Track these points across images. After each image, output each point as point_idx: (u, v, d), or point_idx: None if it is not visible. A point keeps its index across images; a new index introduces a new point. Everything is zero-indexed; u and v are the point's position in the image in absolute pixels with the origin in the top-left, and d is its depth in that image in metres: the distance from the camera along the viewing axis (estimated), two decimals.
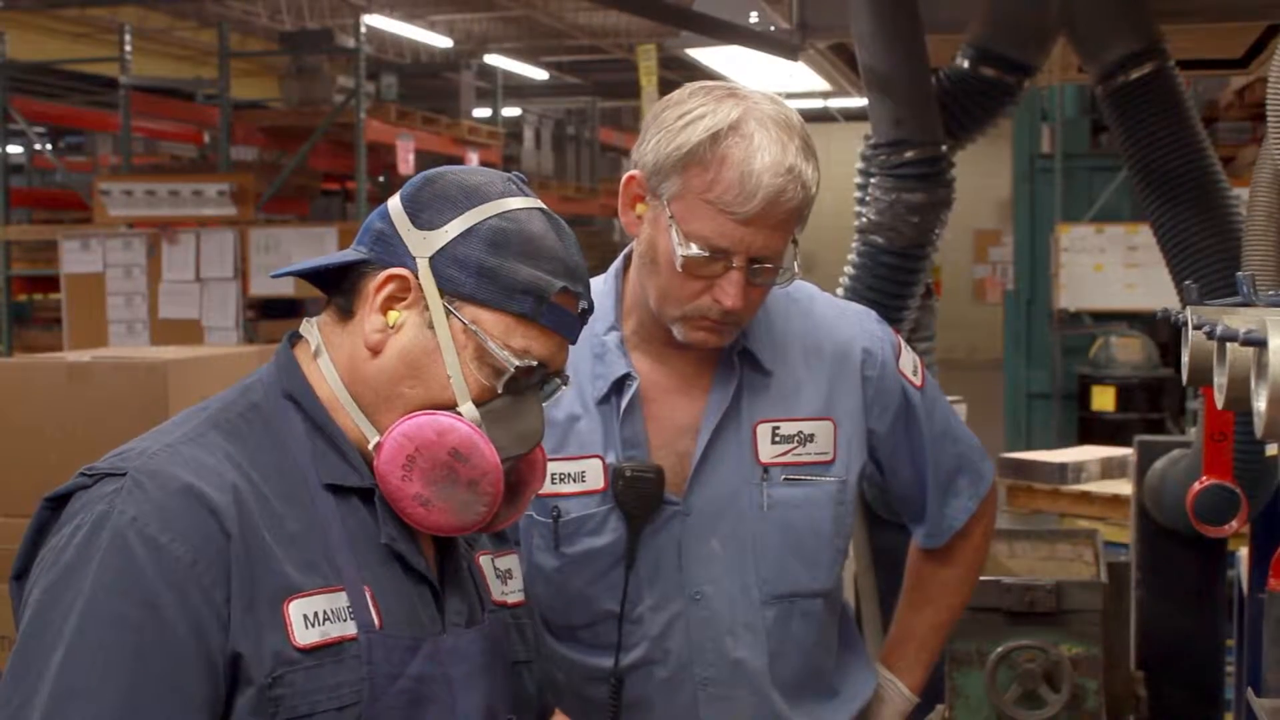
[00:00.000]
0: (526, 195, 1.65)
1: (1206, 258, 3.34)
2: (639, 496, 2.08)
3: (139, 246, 9.11)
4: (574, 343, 1.67)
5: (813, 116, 17.04)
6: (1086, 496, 5.56)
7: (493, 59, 16.13)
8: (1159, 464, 3.70)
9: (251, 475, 1.55)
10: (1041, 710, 2.75)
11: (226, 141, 9.99)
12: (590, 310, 1.67)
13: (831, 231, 9.58)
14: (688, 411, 2.13)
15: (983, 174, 18.07)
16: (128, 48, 10.02)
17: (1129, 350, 10.02)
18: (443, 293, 1.59)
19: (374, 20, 13.17)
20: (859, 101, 3.89)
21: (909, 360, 2.25)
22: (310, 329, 1.67)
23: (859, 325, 2.23)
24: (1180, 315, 1.67)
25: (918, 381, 2.25)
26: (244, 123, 10.74)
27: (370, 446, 1.60)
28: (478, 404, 1.60)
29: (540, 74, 17.97)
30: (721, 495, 2.12)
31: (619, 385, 2.11)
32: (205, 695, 1.47)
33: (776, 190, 1.95)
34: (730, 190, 1.95)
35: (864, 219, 3.52)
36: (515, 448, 1.62)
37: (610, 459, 2.10)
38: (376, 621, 1.55)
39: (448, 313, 1.59)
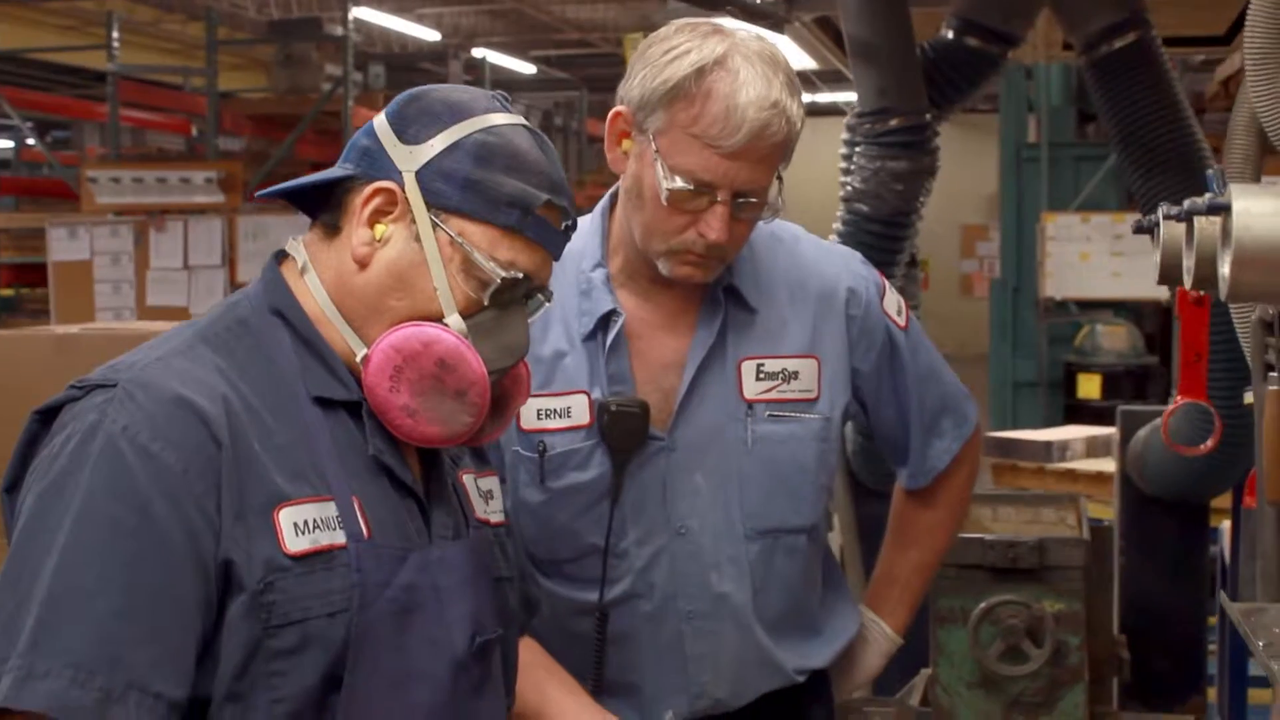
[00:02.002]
0: (511, 112, 1.67)
1: None
2: (624, 431, 2.11)
3: (126, 234, 9.09)
4: (558, 258, 1.69)
5: None
6: (1071, 474, 5.59)
7: (480, 52, 16.13)
8: (1142, 432, 3.73)
9: (240, 387, 1.57)
10: (1024, 665, 2.76)
11: (215, 128, 9.99)
12: (574, 228, 1.70)
13: (821, 224, 9.63)
14: (673, 348, 2.16)
15: (970, 169, 18.15)
16: (115, 36, 10.01)
17: (1115, 338, 10.07)
18: (429, 206, 1.61)
19: (362, 13, 13.17)
20: (846, 95, 3.92)
21: (893, 300, 2.27)
22: (296, 247, 1.69)
23: (844, 265, 2.26)
24: (1153, 217, 1.70)
25: (902, 322, 2.27)
26: (232, 110, 10.75)
27: (358, 359, 1.62)
28: (464, 316, 1.62)
29: (528, 68, 17.98)
30: (706, 431, 2.14)
31: (605, 321, 2.13)
32: (199, 600, 1.49)
33: (761, 124, 1.97)
34: (715, 124, 1.97)
35: (849, 188, 3.55)
36: (501, 360, 1.65)
37: (596, 395, 2.12)
38: (365, 531, 1.57)
39: (434, 225, 1.61)
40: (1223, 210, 1.14)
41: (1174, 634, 3.83)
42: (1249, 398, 2.16)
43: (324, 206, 1.68)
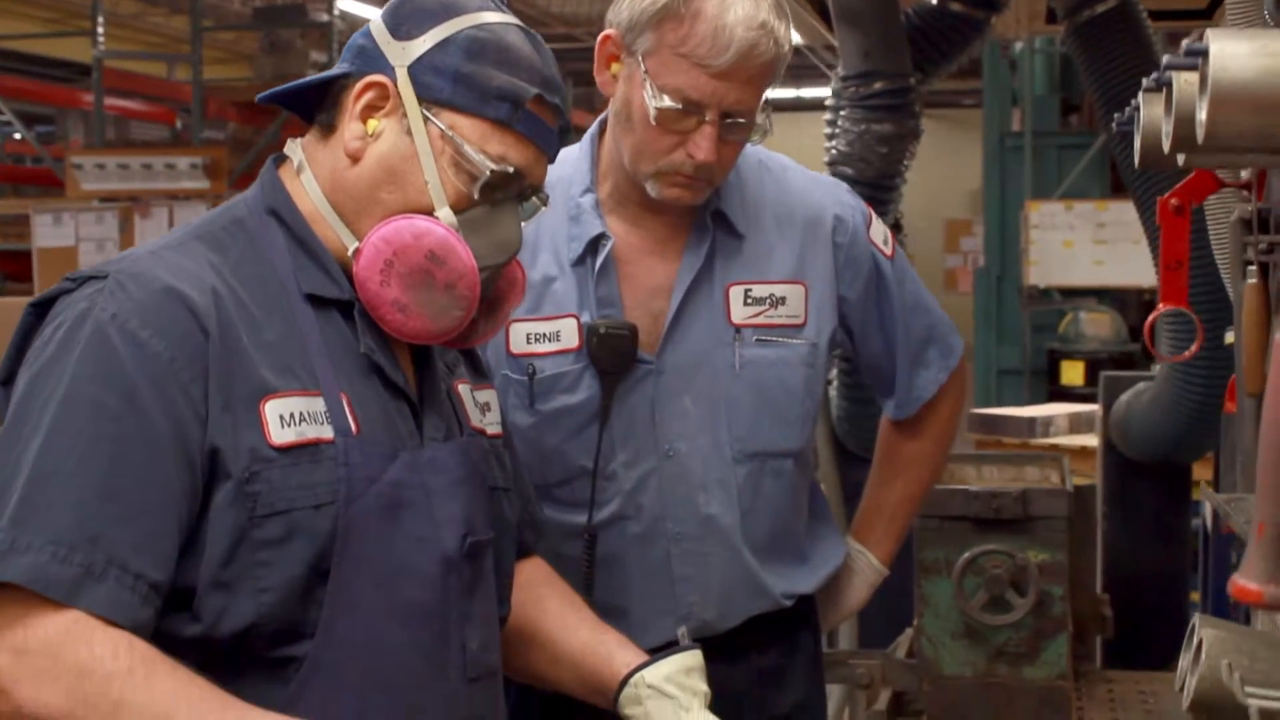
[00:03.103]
0: (504, 12, 1.69)
1: (1168, 182, 3.41)
2: (613, 353, 2.13)
3: (111, 220, 9.09)
4: (552, 158, 1.71)
5: (783, 106, 17.11)
6: (1055, 449, 5.62)
7: None
8: (1125, 397, 3.77)
9: (231, 283, 1.58)
10: (1008, 615, 2.78)
11: (200, 114, 9.99)
12: (568, 129, 1.72)
13: None
14: (661, 273, 2.18)
15: (953, 164, 18.19)
16: (100, 26, 10.00)
17: (1098, 325, 10.12)
18: (420, 99, 1.63)
19: (347, 5, 13.17)
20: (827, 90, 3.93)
21: (879, 230, 2.30)
22: (294, 148, 1.71)
23: (831, 193, 2.28)
24: (1134, 102, 1.72)
25: (888, 251, 2.30)
26: (217, 97, 10.74)
27: (349, 253, 1.64)
28: (455, 211, 1.63)
29: None
30: (694, 354, 2.17)
31: (594, 246, 2.16)
32: (183, 488, 1.50)
33: (749, 44, 1.99)
34: (704, 44, 2.00)
35: (833, 151, 3.58)
36: (492, 256, 1.66)
37: (585, 318, 2.15)
38: (354, 427, 1.59)
39: (425, 119, 1.63)
40: (1200, 55, 1.16)
41: (1157, 598, 3.86)
42: (1229, 337, 2.19)
43: (321, 109, 1.70)
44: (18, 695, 1.40)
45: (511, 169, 1.65)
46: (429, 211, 1.62)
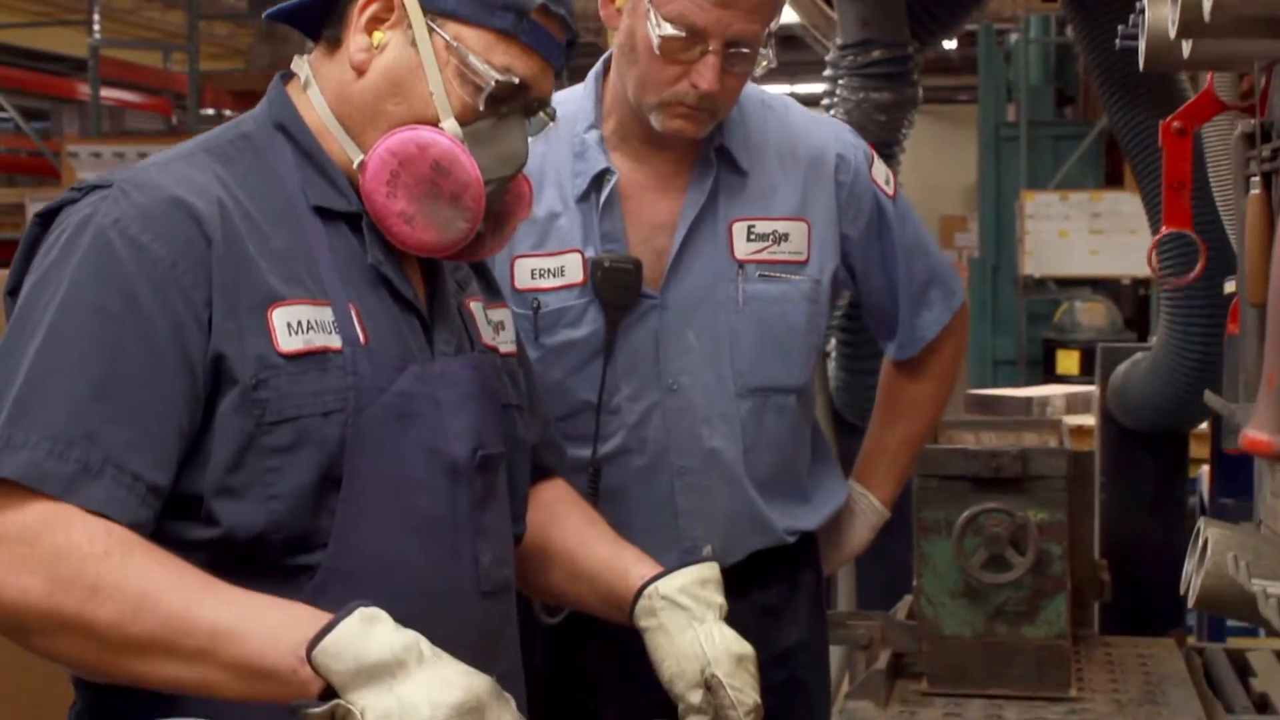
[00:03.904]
0: None
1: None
2: (617, 287, 2.15)
3: None
4: (559, 71, 1.72)
5: None
6: None
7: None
8: (1122, 366, 3.78)
9: (238, 195, 1.59)
10: (1008, 573, 2.79)
11: (196, 101, 9.99)
12: (575, 43, 1.73)
13: None
14: (665, 209, 2.20)
15: (948, 160, 18.20)
16: (95, 16, 10.01)
17: (1093, 315, 10.15)
18: (425, 10, 1.64)
19: None
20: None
21: (881, 170, 2.32)
22: (301, 64, 1.72)
23: (833, 132, 2.31)
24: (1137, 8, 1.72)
25: (890, 191, 2.32)
26: (213, 85, 10.75)
27: (355, 166, 1.64)
28: (461, 123, 1.64)
29: None
30: (698, 290, 2.18)
31: (598, 181, 2.18)
32: (184, 393, 1.50)
33: None
34: None
35: None
36: (498, 169, 1.67)
37: (589, 253, 2.17)
38: (362, 338, 1.60)
39: (430, 30, 1.64)
40: None
41: (1154, 568, 3.86)
42: (1230, 286, 2.19)
43: (327, 24, 1.70)
44: None
45: (517, 80, 1.66)
46: (434, 123, 1.64)
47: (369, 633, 1.37)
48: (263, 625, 1.40)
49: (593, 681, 2.15)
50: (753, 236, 2.21)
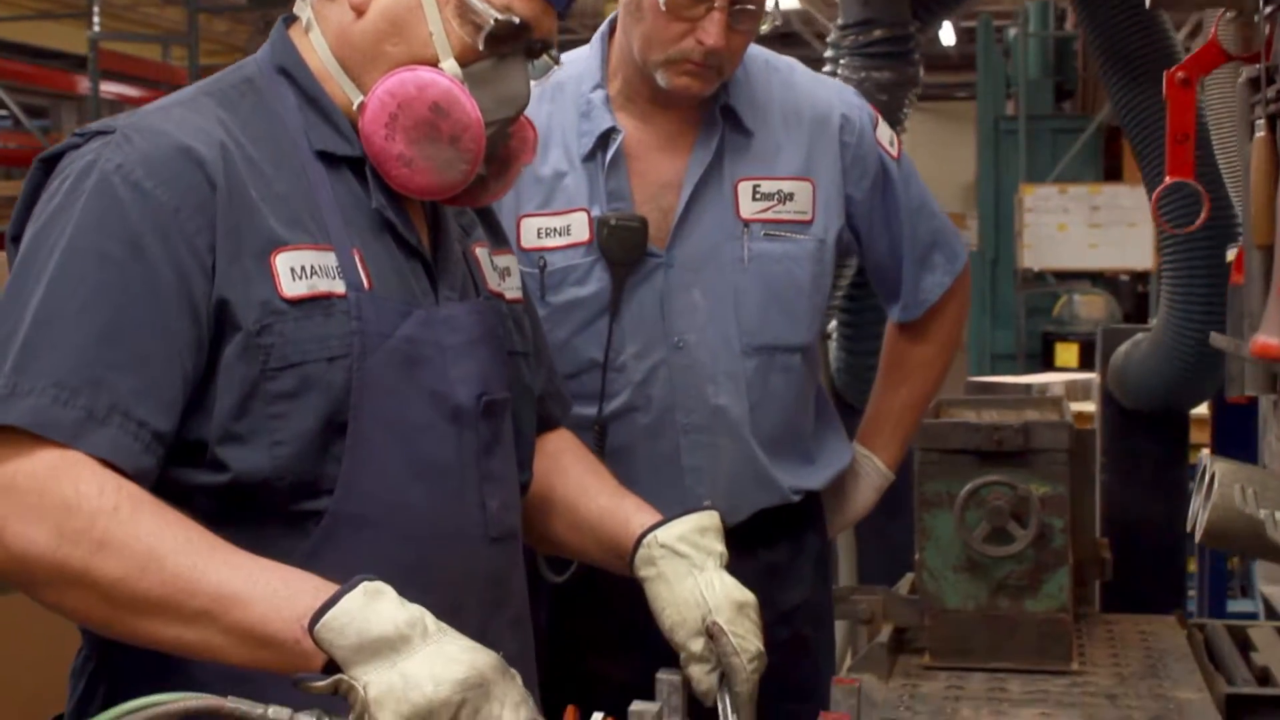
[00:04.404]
0: None
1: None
2: (623, 245, 2.16)
3: None
4: (562, 14, 1.72)
5: None
6: None
7: None
8: (1123, 347, 3.79)
9: (241, 140, 1.59)
10: (1010, 546, 2.79)
11: None
12: None
13: None
14: (671, 168, 2.21)
15: (946, 157, 18.23)
16: (95, 16, 10.01)
17: (1092, 307, 10.17)
18: None
19: None
20: None
21: (885, 132, 2.33)
22: (303, 7, 1.72)
23: (838, 94, 2.31)
24: None
25: (894, 152, 2.33)
26: None
27: (355, 108, 1.64)
28: (461, 64, 1.63)
29: None
30: (703, 248, 2.19)
31: (604, 140, 2.19)
32: (189, 340, 1.50)
33: None
34: None
35: None
36: (499, 110, 1.66)
37: (595, 212, 2.17)
38: (366, 283, 1.59)
39: None
40: None
41: (1154, 548, 3.87)
42: (1231, 253, 2.20)
43: None
44: (5, 533, 1.40)
45: (517, 20, 1.65)
46: (434, 64, 1.63)
47: (373, 607, 1.35)
48: (267, 592, 1.39)
49: (598, 642, 2.16)
50: (758, 196, 2.22)
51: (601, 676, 1.65)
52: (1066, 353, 10.06)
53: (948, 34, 17.04)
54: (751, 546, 2.23)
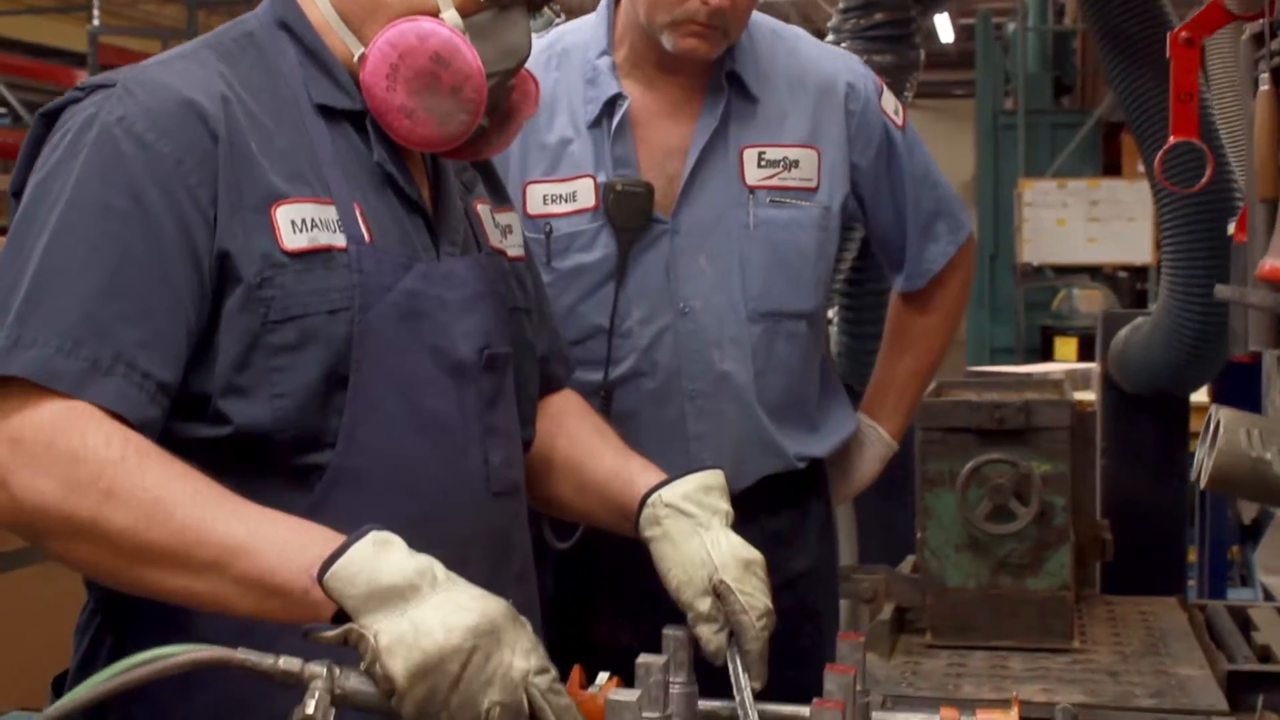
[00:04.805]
0: None
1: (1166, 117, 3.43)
2: (629, 211, 2.16)
3: None
4: None
5: None
6: None
7: None
8: (1123, 331, 3.80)
9: (241, 93, 1.58)
10: (1011, 524, 2.80)
11: None
12: None
13: None
14: (677, 134, 2.22)
15: (945, 155, 18.21)
16: (95, 12, 10.02)
17: (1091, 302, 10.18)
18: None
19: None
20: None
21: (890, 101, 2.34)
22: None
23: (843, 61, 2.32)
24: None
25: (899, 121, 2.34)
26: None
27: (356, 60, 1.64)
28: (462, 14, 1.63)
29: None
30: (709, 215, 2.20)
31: (610, 106, 2.19)
32: (192, 292, 1.50)
33: None
34: None
35: None
36: (500, 62, 1.66)
37: (601, 178, 2.17)
38: (367, 236, 1.59)
39: None
40: None
41: (1155, 533, 3.88)
42: (1232, 227, 2.21)
43: None
44: (13, 484, 1.40)
45: None
46: (434, 14, 1.62)
47: (383, 556, 1.35)
48: (275, 542, 1.39)
49: (604, 607, 2.16)
50: (763, 163, 2.23)
51: (608, 642, 1.63)
52: (1065, 347, 10.08)
53: (946, 31, 17.05)
54: (756, 513, 2.23)
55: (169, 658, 1.25)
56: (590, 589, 2.23)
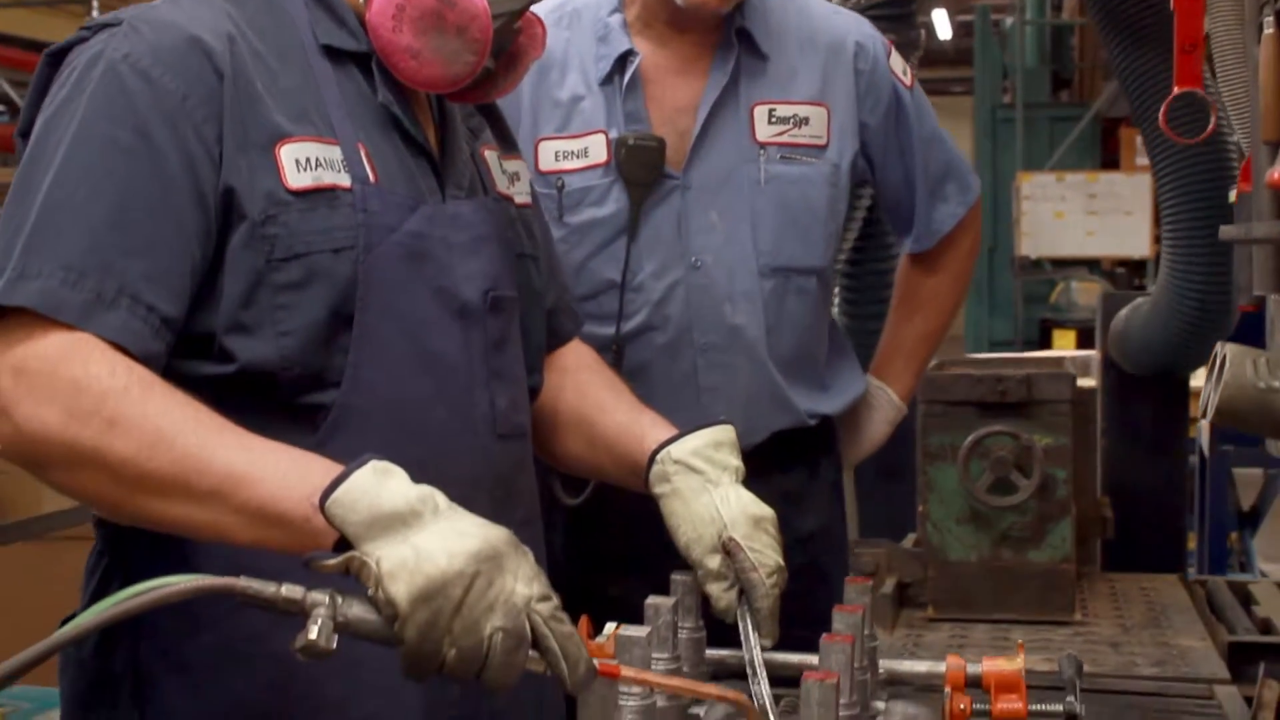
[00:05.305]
0: None
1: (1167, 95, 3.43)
2: (641, 165, 2.18)
3: None
4: None
5: None
6: None
7: None
8: (1123, 312, 3.80)
9: (247, 33, 1.59)
10: (1013, 496, 2.81)
11: None
12: None
13: None
14: (687, 92, 2.24)
15: None
16: (94, 6, 10.02)
17: (1090, 294, 10.19)
18: None
19: None
20: None
21: (899, 62, 2.36)
22: None
23: (853, 21, 2.35)
24: None
25: (908, 82, 2.36)
26: None
27: (362, 1, 1.64)
28: None
29: None
30: (720, 170, 2.22)
31: (621, 63, 2.21)
32: (196, 228, 1.50)
33: None
34: None
35: None
36: (506, 3, 1.66)
37: (613, 134, 2.19)
38: (371, 177, 1.59)
39: None
40: None
41: (1155, 513, 3.88)
42: (1233, 195, 2.21)
43: None
44: (16, 414, 1.40)
45: None
46: None
47: (383, 483, 1.34)
48: (276, 471, 1.39)
49: (615, 564, 2.15)
50: (773, 120, 2.25)
51: (619, 599, 1.62)
52: (1064, 339, 10.08)
53: (944, 28, 17.06)
54: (767, 471, 2.23)
55: (173, 586, 1.25)
56: (602, 544, 2.24)
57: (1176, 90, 1.84)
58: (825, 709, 1.31)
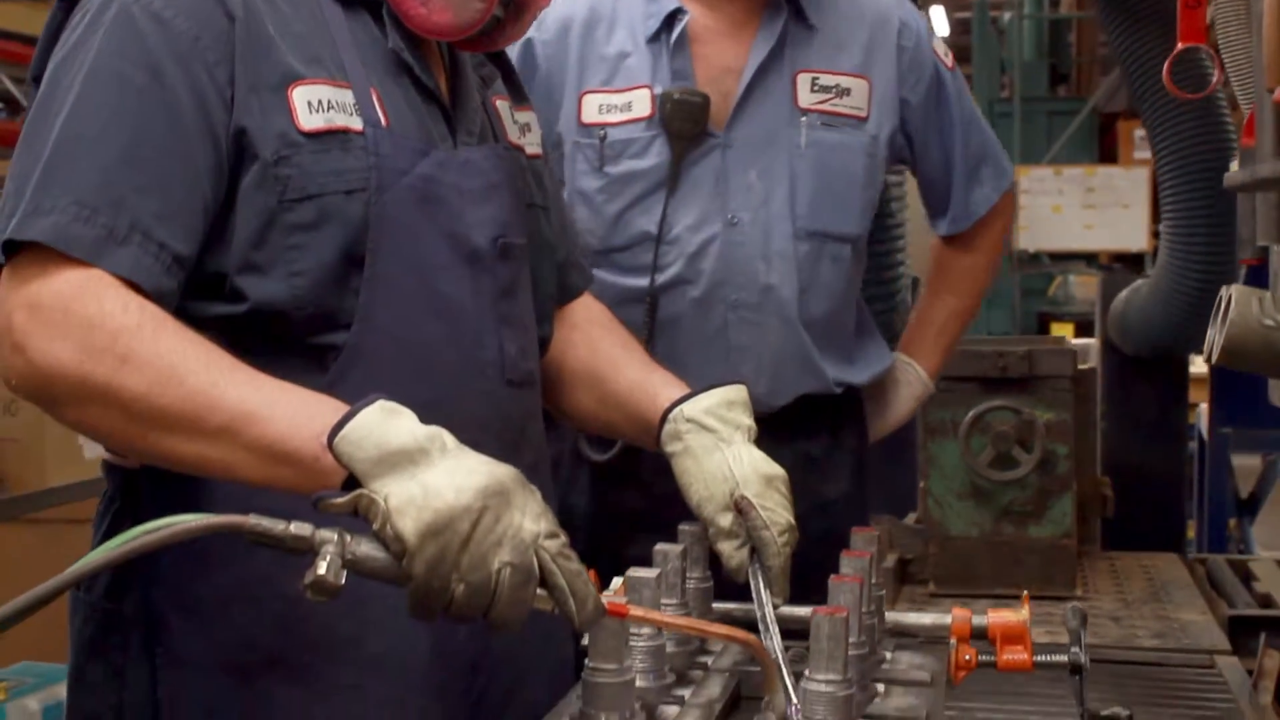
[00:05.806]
0: None
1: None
2: (684, 119, 2.21)
3: None
4: None
5: None
6: None
7: None
8: (1122, 294, 3.82)
9: None
10: (1014, 470, 2.82)
11: None
12: None
13: None
14: (734, 54, 2.27)
15: None
16: None
17: (1087, 288, 10.20)
18: None
19: None
20: None
21: (940, 43, 2.38)
22: None
23: (895, 0, 2.36)
24: None
25: (949, 63, 2.39)
26: None
27: None
28: None
29: None
30: (761, 132, 2.25)
31: (669, 21, 2.23)
32: (209, 166, 1.51)
33: None
34: None
35: None
36: None
37: (658, 90, 2.21)
38: (383, 120, 1.60)
39: None
40: None
41: (1155, 493, 3.90)
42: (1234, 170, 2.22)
43: None
44: (30, 349, 1.40)
45: None
46: None
47: (391, 422, 1.35)
48: (287, 410, 1.39)
49: (642, 520, 2.12)
50: (816, 88, 2.28)
51: (641, 559, 1.62)
52: (1062, 332, 10.09)
53: (942, 25, 17.07)
54: (792, 435, 2.24)
55: (183, 524, 1.25)
56: (629, 500, 2.24)
57: (1181, 46, 1.85)
58: (835, 642, 1.32)
